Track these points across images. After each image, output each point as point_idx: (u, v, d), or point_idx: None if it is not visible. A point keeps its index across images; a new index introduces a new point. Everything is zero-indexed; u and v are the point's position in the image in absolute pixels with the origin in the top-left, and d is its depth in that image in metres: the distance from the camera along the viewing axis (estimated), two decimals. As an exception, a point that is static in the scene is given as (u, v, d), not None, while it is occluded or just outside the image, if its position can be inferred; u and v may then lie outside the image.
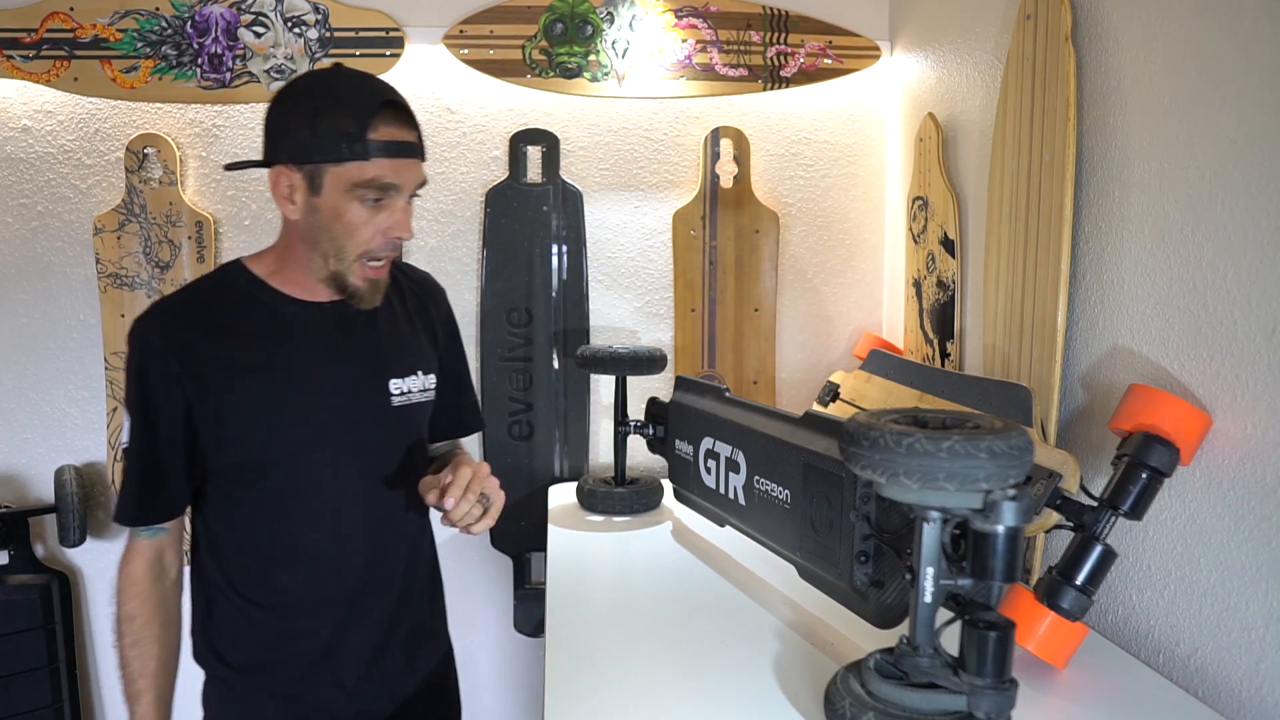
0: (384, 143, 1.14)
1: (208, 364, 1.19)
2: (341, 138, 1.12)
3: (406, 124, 1.18)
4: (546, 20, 2.16)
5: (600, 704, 1.10)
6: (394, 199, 1.17)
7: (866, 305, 2.38)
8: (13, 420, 2.18)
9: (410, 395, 1.31)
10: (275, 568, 1.26)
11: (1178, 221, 1.23)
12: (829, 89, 2.28)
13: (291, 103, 1.17)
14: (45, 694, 2.09)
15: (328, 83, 1.17)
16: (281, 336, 1.23)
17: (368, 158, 1.13)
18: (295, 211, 1.18)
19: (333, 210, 1.15)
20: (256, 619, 1.27)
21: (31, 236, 2.14)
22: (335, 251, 1.18)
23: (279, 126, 1.17)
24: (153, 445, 1.21)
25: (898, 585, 1.11)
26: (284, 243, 1.24)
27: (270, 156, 1.18)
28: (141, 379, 1.19)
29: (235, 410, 1.20)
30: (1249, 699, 1.11)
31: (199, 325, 1.21)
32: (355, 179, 1.14)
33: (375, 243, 1.18)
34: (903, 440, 0.87)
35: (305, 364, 1.23)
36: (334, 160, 1.13)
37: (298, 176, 1.15)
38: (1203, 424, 1.15)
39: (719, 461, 1.52)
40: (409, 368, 1.31)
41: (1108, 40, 1.38)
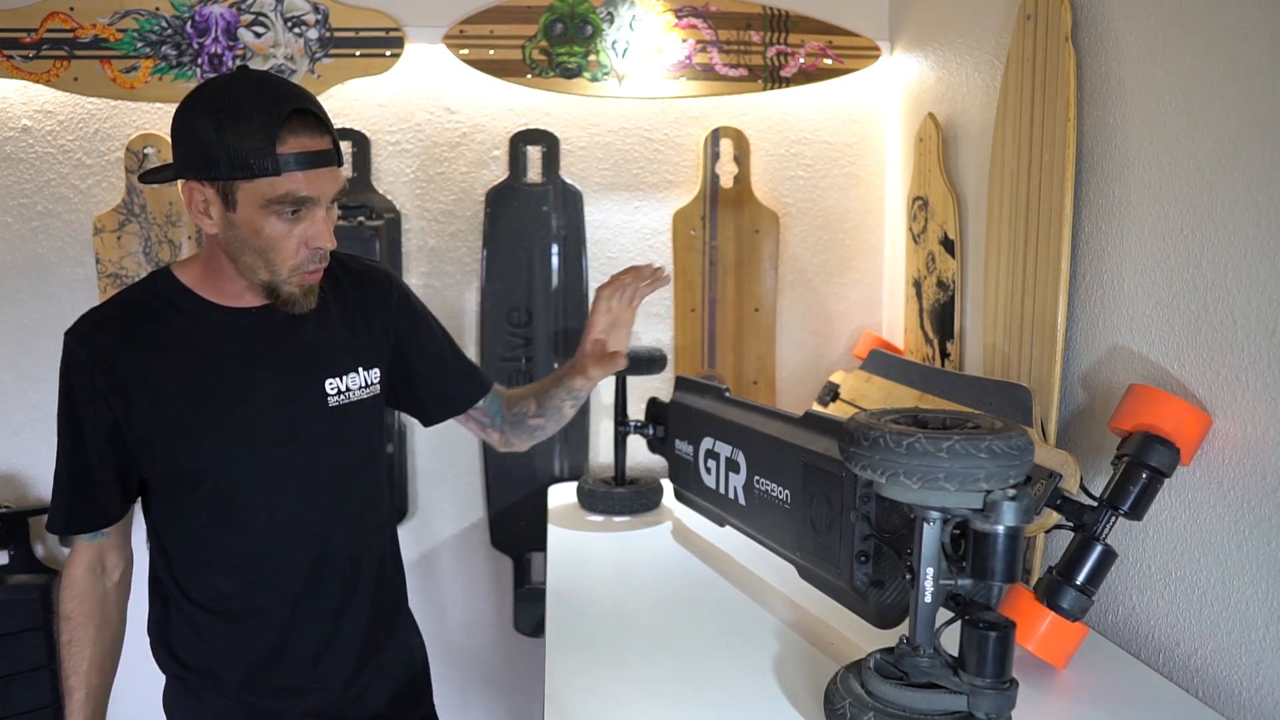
0: (294, 155, 1.09)
1: (132, 378, 1.17)
2: (250, 153, 1.07)
3: (317, 131, 1.12)
4: (546, 20, 2.16)
5: (600, 704, 1.10)
6: (312, 210, 1.13)
7: (866, 305, 2.38)
8: (13, 420, 2.18)
9: (349, 394, 1.28)
10: (215, 573, 1.26)
11: (1178, 221, 1.23)
12: (829, 89, 2.28)
13: (198, 114, 1.10)
14: (45, 694, 2.09)
15: (232, 92, 1.10)
16: (207, 345, 1.20)
17: (279, 173, 1.08)
18: (213, 226, 1.14)
19: (250, 226, 1.12)
20: (203, 622, 1.27)
21: (31, 236, 2.14)
22: (264, 265, 1.15)
23: (186, 139, 1.11)
24: (81, 457, 1.20)
25: (898, 585, 1.11)
26: (209, 251, 1.21)
27: (179, 171, 1.14)
28: (69, 393, 1.20)
29: (162, 422, 1.19)
30: (1249, 699, 1.11)
31: (123, 338, 1.19)
32: (268, 195, 1.09)
33: (300, 256, 1.15)
34: (903, 440, 0.87)
35: (232, 371, 1.21)
36: (244, 177, 1.08)
37: (210, 192, 1.11)
38: (1203, 424, 1.15)
39: (719, 461, 1.52)
40: (347, 365, 1.28)
41: (1108, 40, 1.38)
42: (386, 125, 2.20)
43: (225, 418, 1.20)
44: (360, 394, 1.29)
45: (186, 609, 1.27)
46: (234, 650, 1.27)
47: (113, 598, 1.28)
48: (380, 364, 1.33)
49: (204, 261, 1.22)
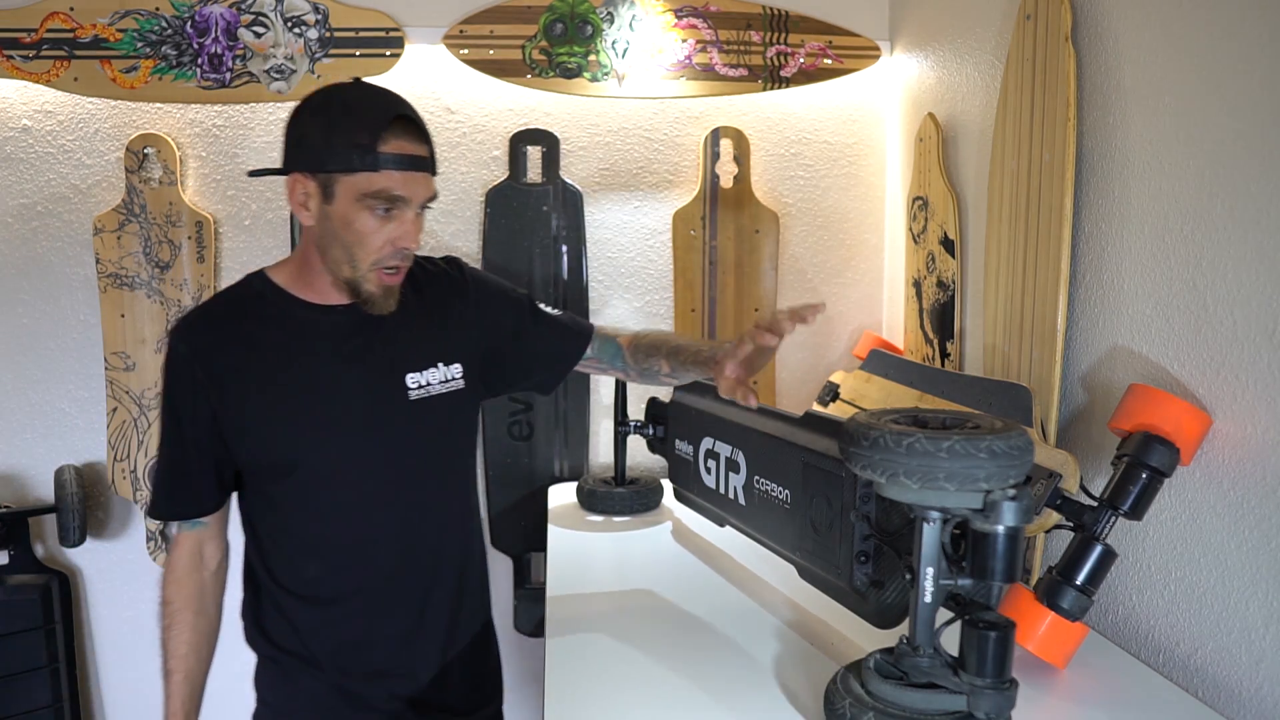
0: (394, 155, 1.18)
1: (229, 372, 1.25)
2: (354, 149, 1.16)
3: (418, 138, 1.22)
4: (546, 20, 2.16)
5: (600, 704, 1.10)
6: (402, 210, 1.20)
7: (866, 305, 2.38)
8: (13, 420, 2.18)
9: (430, 388, 1.32)
10: (304, 560, 1.32)
11: (1178, 221, 1.23)
12: (829, 89, 2.28)
13: (309, 114, 1.22)
14: (45, 694, 2.09)
15: (344, 96, 1.22)
16: (298, 342, 1.27)
17: (378, 169, 1.17)
18: (310, 218, 1.22)
19: (343, 219, 1.19)
20: (293, 606, 1.33)
21: (31, 236, 2.14)
22: (348, 259, 1.22)
23: (296, 136, 1.22)
24: (181, 447, 1.28)
25: (898, 585, 1.11)
26: (303, 249, 1.29)
27: (288, 165, 1.22)
28: (170, 387, 1.27)
29: (256, 415, 1.26)
30: (1249, 699, 1.11)
31: (222, 335, 1.27)
32: (365, 189, 1.17)
33: (384, 252, 1.21)
34: (903, 440, 0.87)
35: (321, 367, 1.27)
36: (346, 170, 1.17)
37: (312, 185, 1.20)
38: (1203, 424, 1.15)
39: (719, 461, 1.52)
40: (426, 361, 1.33)
41: (1108, 40, 1.38)
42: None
43: (313, 410, 1.27)
44: (440, 388, 1.33)
45: (277, 594, 1.33)
46: (323, 634, 1.33)
47: (210, 586, 1.35)
48: (462, 359, 1.36)
49: (296, 262, 1.30)
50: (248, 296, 1.30)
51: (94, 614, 2.25)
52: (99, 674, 2.27)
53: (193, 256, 2.15)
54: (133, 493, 2.18)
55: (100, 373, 2.17)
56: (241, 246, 2.20)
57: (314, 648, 1.33)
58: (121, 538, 2.24)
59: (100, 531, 2.22)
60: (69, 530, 2.07)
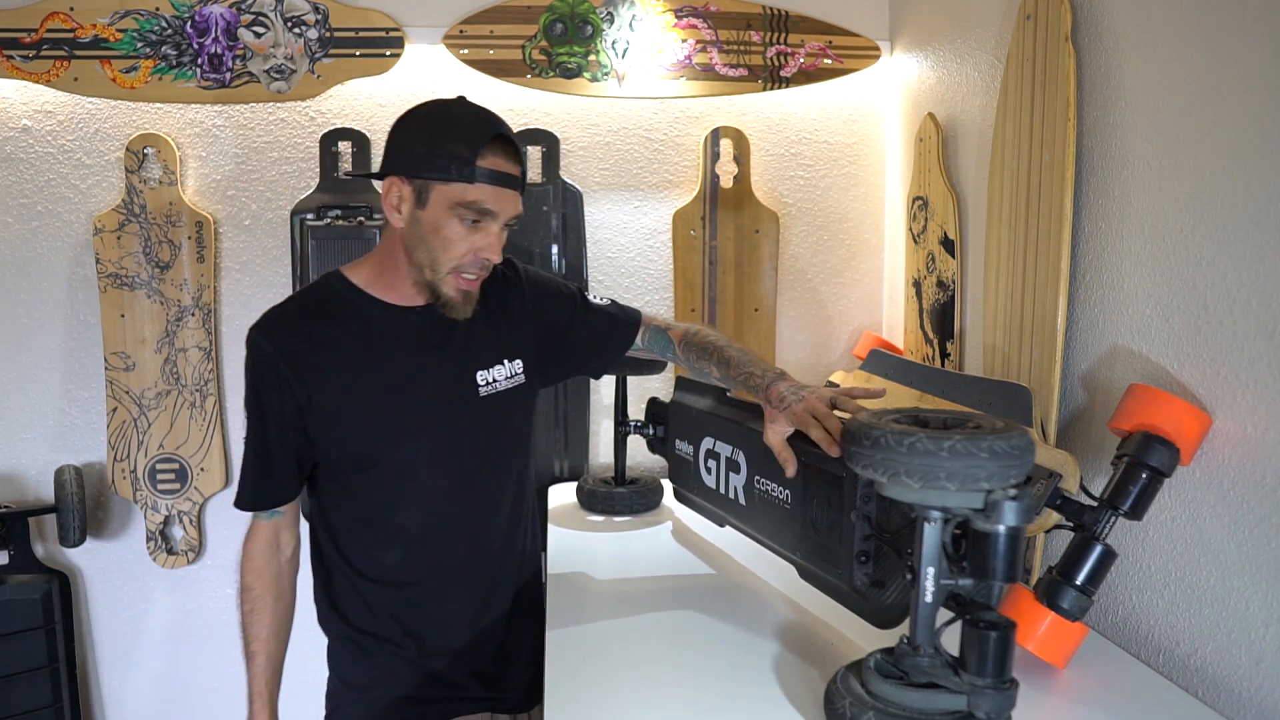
0: (489, 171, 1.25)
1: (312, 368, 1.30)
2: (453, 161, 1.24)
3: (513, 159, 1.29)
4: (546, 20, 2.16)
5: (600, 704, 1.10)
6: (489, 223, 1.28)
7: (866, 305, 2.38)
8: (13, 420, 2.18)
9: (497, 384, 1.40)
10: (381, 547, 1.39)
11: (1178, 221, 1.23)
12: (829, 89, 2.28)
13: (414, 123, 1.30)
14: (45, 694, 2.09)
15: (449, 110, 1.31)
16: (377, 340, 1.34)
17: (473, 182, 1.24)
18: (400, 221, 1.29)
19: (433, 224, 1.26)
20: (368, 590, 1.40)
21: (31, 236, 2.14)
22: (430, 262, 1.28)
23: (398, 143, 1.29)
24: (265, 440, 1.33)
25: (898, 585, 1.11)
26: (384, 250, 1.35)
27: (386, 169, 1.30)
28: (255, 382, 1.32)
29: (340, 410, 1.32)
30: (1249, 699, 1.12)
31: (304, 332, 1.32)
32: (458, 199, 1.25)
33: (466, 259, 1.28)
34: (904, 440, 0.87)
35: (400, 364, 1.34)
36: (443, 179, 1.24)
37: (408, 189, 1.27)
38: (1203, 424, 1.15)
39: (719, 461, 1.52)
40: (493, 359, 1.41)
41: (1108, 40, 1.38)
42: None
43: (394, 406, 1.34)
44: (506, 384, 1.42)
45: (352, 578, 1.40)
46: (399, 615, 1.40)
47: (286, 571, 1.42)
48: (522, 355, 1.45)
49: (376, 263, 1.37)
50: (326, 296, 1.36)
51: (94, 614, 2.25)
52: (99, 674, 2.27)
53: (193, 256, 2.15)
54: (132, 493, 2.18)
55: (100, 373, 2.17)
56: (241, 246, 2.20)
57: (390, 628, 1.40)
58: (121, 538, 2.24)
59: (100, 531, 2.22)
60: (69, 530, 2.07)
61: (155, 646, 2.29)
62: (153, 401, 2.17)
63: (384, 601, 1.40)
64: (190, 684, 2.31)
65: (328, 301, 1.36)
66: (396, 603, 1.40)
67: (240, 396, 2.21)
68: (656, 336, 1.53)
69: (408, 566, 1.39)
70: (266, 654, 1.38)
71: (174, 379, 2.17)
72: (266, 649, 1.38)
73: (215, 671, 2.31)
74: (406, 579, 1.39)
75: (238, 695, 2.31)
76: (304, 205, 2.16)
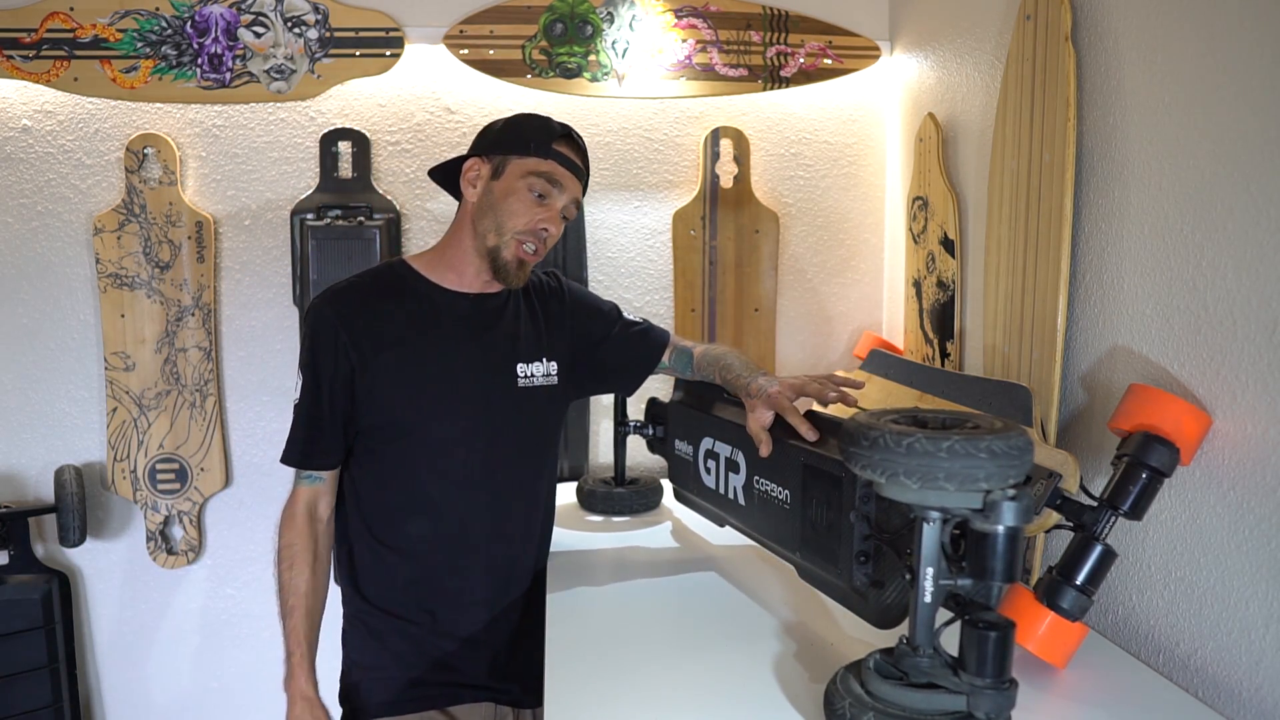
0: (561, 154, 1.43)
1: (368, 337, 1.39)
2: (531, 140, 1.42)
3: (580, 154, 1.48)
4: (546, 20, 2.16)
5: (600, 704, 1.10)
6: (554, 198, 1.43)
7: (866, 305, 2.38)
8: (13, 420, 2.18)
9: (534, 379, 1.50)
10: (407, 516, 1.45)
11: (1178, 221, 1.23)
12: (829, 89, 2.28)
13: (497, 122, 1.48)
14: (45, 694, 2.09)
15: (533, 113, 1.50)
16: (430, 319, 1.44)
17: (546, 158, 1.41)
18: (474, 194, 1.44)
19: (505, 191, 1.41)
20: (390, 560, 1.46)
21: (31, 236, 2.14)
22: (496, 226, 1.41)
23: (483, 135, 1.47)
24: (317, 400, 1.40)
25: (897, 585, 1.11)
26: (451, 234, 1.48)
27: (472, 152, 1.46)
28: (313, 344, 1.40)
29: (385, 377, 1.40)
30: (1249, 699, 1.11)
31: (366, 303, 1.42)
32: (531, 168, 1.41)
33: (528, 225, 1.41)
34: (902, 440, 0.87)
35: (448, 343, 1.44)
36: (520, 153, 1.42)
37: (486, 167, 1.44)
38: (1203, 424, 1.15)
39: (719, 462, 1.52)
40: (533, 355, 1.50)
41: (1108, 40, 1.38)
42: (386, 125, 2.20)
43: (434, 382, 1.42)
44: (541, 380, 1.51)
45: (375, 549, 1.46)
46: (417, 587, 1.46)
47: (323, 536, 1.46)
48: (559, 359, 1.54)
49: (439, 248, 1.49)
50: (388, 277, 1.47)
51: (94, 614, 2.25)
52: (99, 674, 2.27)
53: (193, 256, 2.15)
54: (132, 493, 2.18)
55: (100, 373, 2.17)
56: (241, 246, 2.20)
57: (406, 603, 1.45)
58: (121, 538, 2.24)
59: (100, 531, 2.23)
60: (69, 530, 2.07)
61: (155, 646, 2.29)
62: (153, 401, 2.17)
63: (403, 572, 1.45)
64: (190, 684, 2.31)
65: (388, 281, 1.46)
66: (416, 574, 1.45)
67: (240, 395, 2.22)
68: (680, 356, 1.62)
69: (431, 539, 1.44)
70: (305, 609, 1.41)
71: (174, 379, 2.17)
72: (305, 604, 1.41)
73: (215, 671, 2.31)
74: (428, 550, 1.45)
75: (238, 695, 2.32)
76: (304, 205, 2.16)
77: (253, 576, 2.29)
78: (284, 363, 2.23)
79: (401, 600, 1.46)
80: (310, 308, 1.43)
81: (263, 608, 2.30)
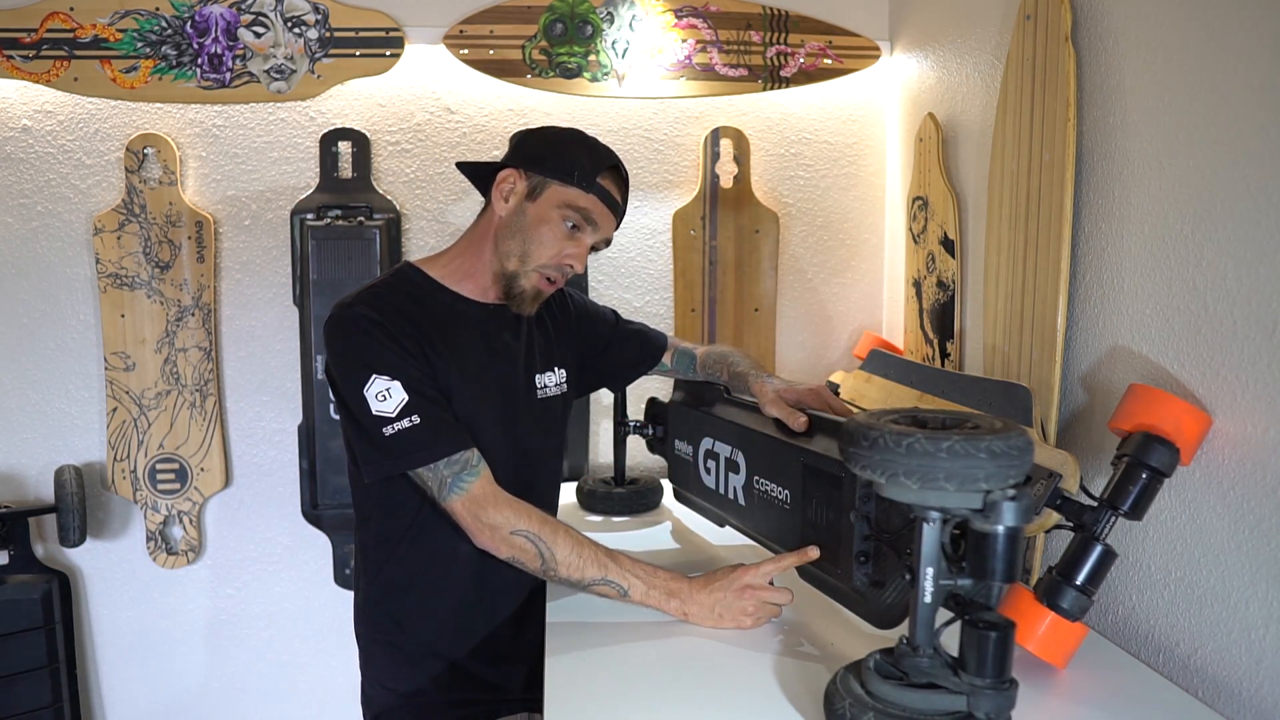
0: (603, 189, 1.36)
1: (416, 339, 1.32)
2: (576, 167, 1.34)
3: (622, 191, 1.41)
4: (546, 20, 2.16)
5: (600, 704, 1.10)
6: (585, 235, 1.37)
7: (866, 305, 2.38)
8: (13, 420, 2.18)
9: (548, 389, 1.50)
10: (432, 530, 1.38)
11: (1178, 221, 1.23)
12: (829, 89, 2.28)
13: (545, 133, 1.45)
14: (45, 694, 2.09)
15: (578, 133, 1.43)
16: (453, 328, 1.38)
17: (589, 191, 1.35)
18: (505, 209, 1.37)
19: (538, 217, 1.35)
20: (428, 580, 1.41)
21: (31, 236, 2.14)
22: (521, 253, 1.35)
23: (524, 144, 1.41)
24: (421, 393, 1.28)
25: (897, 585, 1.11)
26: (468, 241, 1.42)
27: (510, 161, 1.39)
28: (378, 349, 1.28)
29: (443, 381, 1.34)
30: (1249, 699, 1.11)
31: (394, 308, 1.34)
32: (569, 201, 1.34)
33: (554, 261, 1.36)
34: (902, 440, 0.87)
35: (472, 355, 1.39)
36: (561, 180, 1.34)
37: (523, 183, 1.36)
38: (1203, 424, 1.15)
39: (719, 462, 1.52)
40: (547, 364, 1.50)
41: (1108, 40, 1.37)
42: (386, 125, 2.20)
43: (462, 393, 1.36)
44: (554, 390, 1.52)
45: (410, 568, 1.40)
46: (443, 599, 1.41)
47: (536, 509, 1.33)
48: (568, 366, 1.55)
49: (454, 255, 1.43)
50: (405, 284, 1.39)
51: (94, 614, 2.25)
52: (99, 674, 2.27)
53: (193, 256, 2.15)
54: (133, 493, 2.18)
55: (100, 373, 2.17)
56: (241, 246, 2.20)
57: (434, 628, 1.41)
58: (121, 538, 2.24)
59: (100, 531, 2.22)
60: (69, 530, 2.07)
61: (155, 646, 2.29)
62: (153, 401, 2.17)
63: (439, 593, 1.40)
64: (190, 684, 2.31)
65: (407, 290, 1.38)
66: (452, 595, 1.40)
67: (240, 395, 2.22)
68: (683, 358, 1.65)
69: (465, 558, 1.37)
70: (610, 552, 1.30)
71: (174, 379, 2.17)
72: (605, 547, 1.30)
73: (215, 671, 2.31)
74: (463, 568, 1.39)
75: (238, 695, 2.32)
76: (304, 205, 2.16)
77: (252, 576, 2.29)
78: (284, 363, 2.23)
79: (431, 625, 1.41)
80: (345, 319, 1.31)
81: (262, 607, 2.30)
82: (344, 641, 2.30)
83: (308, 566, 2.30)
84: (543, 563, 1.29)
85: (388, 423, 1.26)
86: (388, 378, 1.27)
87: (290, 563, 2.29)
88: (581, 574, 1.28)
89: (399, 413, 1.26)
